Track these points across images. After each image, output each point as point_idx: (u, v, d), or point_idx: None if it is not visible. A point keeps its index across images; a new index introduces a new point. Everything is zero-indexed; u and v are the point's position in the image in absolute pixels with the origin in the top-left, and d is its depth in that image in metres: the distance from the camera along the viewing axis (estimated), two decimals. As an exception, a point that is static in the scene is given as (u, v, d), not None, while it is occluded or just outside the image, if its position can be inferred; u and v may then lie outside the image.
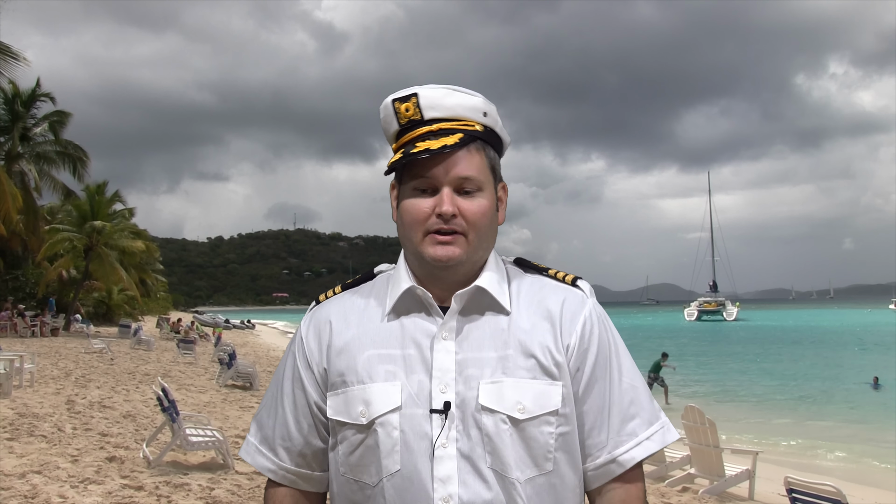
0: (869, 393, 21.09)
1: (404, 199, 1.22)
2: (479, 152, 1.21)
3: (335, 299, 1.33)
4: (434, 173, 1.17)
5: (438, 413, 1.16)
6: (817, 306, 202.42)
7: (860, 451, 12.84)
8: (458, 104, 1.20)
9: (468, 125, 1.20)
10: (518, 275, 1.29)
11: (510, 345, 1.20)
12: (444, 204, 1.17)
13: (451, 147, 1.15)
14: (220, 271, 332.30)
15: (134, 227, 38.98)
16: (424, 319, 1.22)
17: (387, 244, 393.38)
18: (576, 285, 1.28)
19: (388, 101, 1.22)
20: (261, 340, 39.96)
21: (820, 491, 5.57)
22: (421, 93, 1.19)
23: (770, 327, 71.25)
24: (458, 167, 1.18)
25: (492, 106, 1.23)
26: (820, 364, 31.26)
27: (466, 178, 1.18)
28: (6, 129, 28.01)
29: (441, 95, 1.19)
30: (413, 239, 1.20)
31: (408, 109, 1.20)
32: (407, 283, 1.23)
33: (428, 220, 1.18)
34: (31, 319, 25.70)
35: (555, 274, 1.29)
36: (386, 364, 1.20)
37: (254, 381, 14.57)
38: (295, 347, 1.31)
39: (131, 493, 5.78)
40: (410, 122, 1.20)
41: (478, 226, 1.19)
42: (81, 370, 14.85)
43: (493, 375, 1.17)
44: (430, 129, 1.18)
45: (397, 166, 1.20)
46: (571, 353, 1.21)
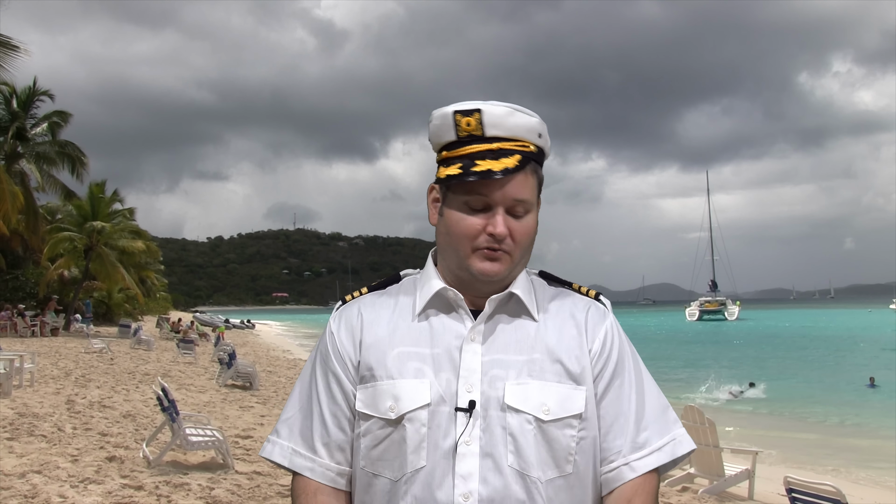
0: (866, 393, 21.11)
1: (453, 210, 1.24)
2: (532, 174, 1.24)
3: (362, 299, 1.35)
4: (491, 194, 1.20)
5: (463, 411, 1.19)
6: (818, 306, 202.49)
7: (859, 451, 12.84)
8: (518, 125, 1.22)
9: (524, 146, 1.22)
10: (543, 286, 1.35)
11: (537, 349, 1.24)
12: (498, 226, 1.20)
13: (513, 170, 1.18)
14: (219, 271, 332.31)
15: (134, 227, 38.98)
16: (454, 321, 1.26)
17: (386, 244, 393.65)
18: (598, 299, 1.34)
19: (448, 111, 1.23)
20: (261, 340, 39.98)
21: (820, 491, 5.58)
22: (485, 109, 1.20)
23: (773, 327, 71.25)
24: (514, 190, 1.21)
25: (545, 126, 1.27)
26: (820, 364, 31.27)
27: (521, 200, 1.22)
28: (5, 129, 28.00)
29: (503, 114, 1.21)
30: (460, 252, 1.24)
31: (469, 124, 1.21)
32: (438, 284, 1.27)
33: (478, 237, 1.22)
34: (31, 319, 25.71)
35: (578, 288, 1.36)
36: (415, 362, 1.23)
37: (254, 381, 14.57)
38: (326, 345, 1.33)
39: (131, 493, 5.78)
40: (470, 137, 1.22)
41: (523, 244, 1.24)
42: (81, 370, 14.85)
43: (518, 377, 1.21)
44: (490, 147, 1.20)
45: (457, 182, 1.22)
46: (594, 358, 1.27)
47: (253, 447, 8.12)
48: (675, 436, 1.30)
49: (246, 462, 7.34)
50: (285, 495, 6.10)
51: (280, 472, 6.96)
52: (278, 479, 6.67)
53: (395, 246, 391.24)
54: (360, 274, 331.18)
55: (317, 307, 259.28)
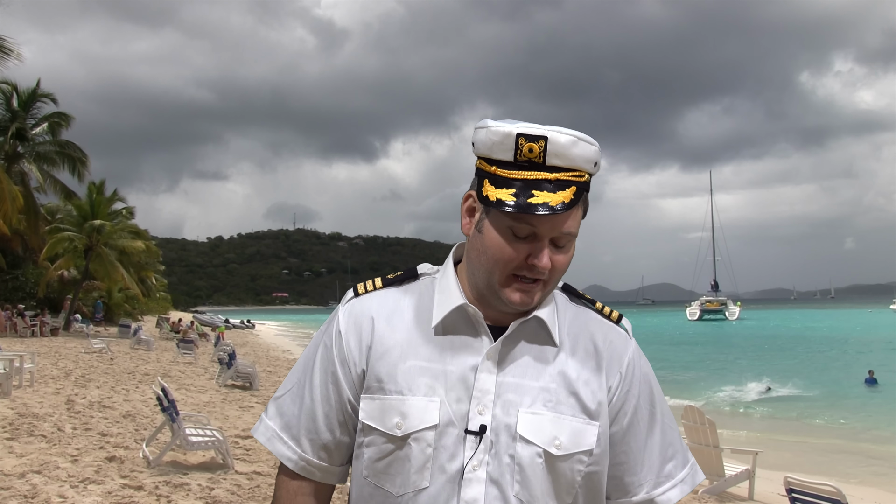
0: (866, 392, 21.12)
1: (494, 230, 1.18)
2: (581, 205, 1.20)
3: (376, 295, 1.29)
4: (541, 226, 1.15)
5: (473, 435, 1.16)
6: (818, 306, 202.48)
7: (859, 450, 12.84)
8: (580, 156, 1.15)
9: (581, 176, 1.16)
10: (565, 304, 1.29)
11: (554, 378, 1.20)
12: (542, 259, 1.16)
13: (569, 204, 1.13)
14: (219, 271, 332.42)
15: (134, 227, 38.98)
16: (472, 338, 1.21)
17: (386, 244, 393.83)
18: (620, 324, 1.29)
19: (511, 131, 1.14)
20: (261, 340, 39.99)
21: (820, 491, 5.58)
22: (551, 137, 1.14)
23: (775, 328, 71.25)
24: (564, 224, 1.17)
25: (600, 153, 1.21)
26: (819, 364, 31.28)
27: (568, 234, 1.18)
28: (5, 129, 28.00)
29: (568, 144, 1.14)
30: (494, 276, 1.19)
31: (532, 150, 1.14)
32: (458, 299, 1.22)
33: (518, 265, 1.17)
34: (30, 319, 25.72)
35: (601, 308, 1.30)
36: (427, 377, 1.19)
37: (254, 381, 14.57)
38: (332, 340, 1.27)
39: (131, 493, 5.78)
40: (530, 163, 1.15)
41: (560, 274, 1.21)
42: (81, 370, 14.85)
43: (532, 405, 1.18)
44: (549, 177, 1.14)
45: (510, 212, 1.14)
46: (613, 393, 1.23)
47: (253, 447, 8.12)
48: (692, 464, 1.30)
49: (246, 462, 7.34)
50: (285, 495, 6.10)
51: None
52: (278, 479, 6.67)
53: (395, 246, 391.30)
54: (360, 274, 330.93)
55: (317, 307, 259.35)
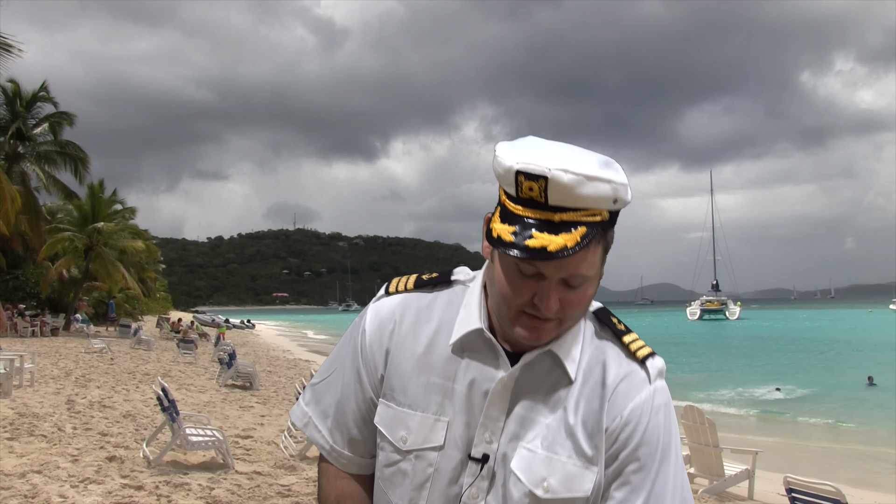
0: (866, 392, 21.12)
1: (502, 265, 1.11)
2: (598, 244, 1.09)
3: (405, 298, 1.25)
4: (544, 268, 1.06)
5: (475, 461, 1.14)
6: (819, 306, 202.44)
7: (859, 451, 12.85)
8: (590, 196, 1.03)
9: (594, 216, 1.05)
10: (591, 334, 1.20)
11: (557, 415, 1.14)
12: (546, 301, 1.07)
13: (572, 249, 1.02)
14: (219, 271, 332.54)
15: (134, 228, 39.01)
16: (487, 362, 1.17)
17: (386, 244, 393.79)
18: (644, 364, 1.16)
19: (511, 166, 1.05)
20: (261, 340, 40.01)
21: (819, 491, 5.58)
22: (551, 178, 1.01)
23: (776, 328, 71.27)
24: (572, 266, 1.06)
25: (623, 187, 1.06)
26: (819, 364, 31.29)
27: (578, 276, 1.08)
28: (5, 129, 28.01)
29: (573, 185, 1.02)
30: (503, 310, 1.12)
31: (531, 189, 1.04)
32: (476, 323, 1.17)
33: (525, 302, 1.09)
34: (31, 319, 25.73)
35: (628, 343, 1.18)
36: (438, 395, 1.17)
37: (254, 381, 14.58)
38: (359, 338, 1.26)
39: (131, 493, 5.78)
40: (531, 202, 1.05)
41: (576, 312, 1.12)
42: (81, 370, 14.86)
43: (532, 441, 1.14)
44: (552, 218, 1.04)
45: (504, 252, 1.06)
46: (610, 437, 1.13)
47: (253, 447, 8.13)
48: None
49: (246, 462, 7.34)
50: (285, 495, 6.11)
51: (280, 472, 6.97)
52: (278, 479, 6.68)
53: (395, 246, 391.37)
54: (360, 274, 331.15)
55: (317, 307, 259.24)
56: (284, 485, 6.43)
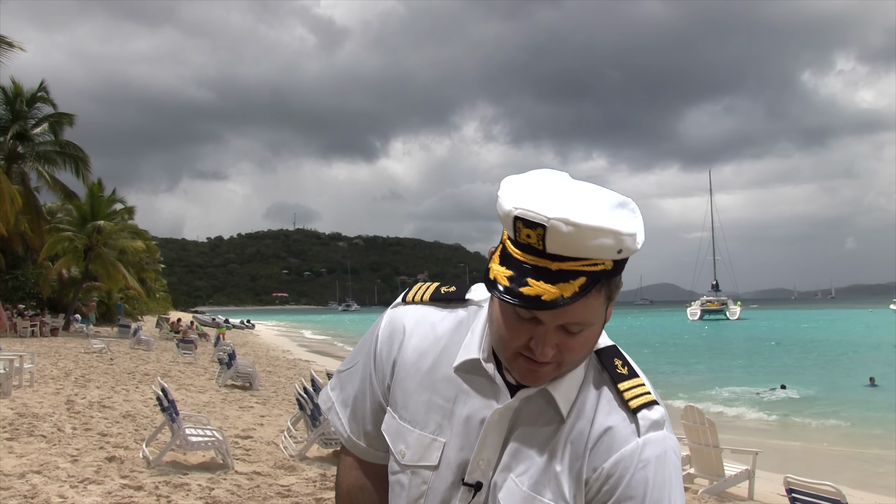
0: (867, 393, 21.12)
1: (501, 306, 1.08)
2: (600, 292, 1.03)
3: (419, 311, 1.25)
4: (539, 315, 1.03)
5: (468, 487, 1.14)
6: (819, 306, 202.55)
7: (859, 452, 12.85)
8: (591, 246, 0.98)
9: (595, 266, 1.00)
10: (590, 376, 1.15)
11: (546, 455, 1.12)
12: (541, 348, 1.04)
13: (568, 300, 0.98)
14: (219, 271, 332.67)
15: (134, 227, 39.03)
16: (486, 392, 1.16)
17: (386, 244, 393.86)
18: (635, 414, 1.10)
19: (510, 211, 1.00)
20: (261, 340, 40.02)
21: (819, 491, 5.58)
22: (550, 229, 0.96)
23: (775, 327, 71.30)
24: (568, 314, 1.02)
25: (630, 237, 1.00)
26: (820, 365, 31.30)
27: (576, 323, 1.04)
28: (5, 129, 28.00)
29: (573, 235, 0.96)
30: (501, 350, 1.10)
31: (529, 236, 0.99)
32: (475, 353, 1.16)
33: (520, 345, 1.06)
34: (30, 319, 25.74)
35: (623, 390, 1.13)
36: (438, 415, 1.18)
37: (253, 381, 14.57)
38: (373, 342, 1.27)
39: (131, 493, 5.78)
40: (529, 248, 1.00)
41: (575, 359, 1.08)
42: (81, 370, 14.86)
43: (521, 475, 1.12)
44: (549, 266, 0.99)
45: (498, 298, 1.03)
46: (590, 490, 1.10)
47: (253, 447, 8.13)
48: None
49: (246, 462, 7.34)
50: (285, 496, 6.11)
51: (280, 472, 6.97)
52: (278, 479, 6.67)
53: (395, 246, 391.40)
54: (360, 274, 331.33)
55: (317, 307, 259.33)
56: (284, 485, 6.42)
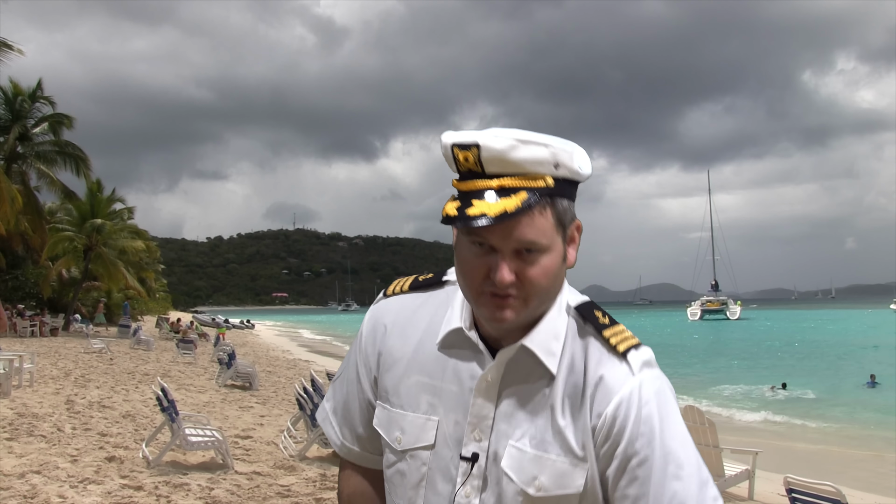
0: (867, 392, 21.13)
1: (460, 246, 1.11)
2: (546, 211, 1.07)
3: (399, 301, 1.28)
4: (490, 238, 1.05)
5: (466, 461, 1.14)
6: (819, 306, 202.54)
7: (859, 451, 12.84)
8: (525, 159, 1.04)
9: (535, 182, 1.05)
10: (573, 330, 1.16)
11: (545, 414, 1.12)
12: (499, 272, 1.05)
13: (512, 214, 1.02)
14: (219, 271, 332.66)
15: (133, 227, 39.00)
16: (471, 359, 1.16)
17: (386, 244, 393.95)
18: (625, 357, 1.12)
19: (447, 142, 1.08)
20: (260, 340, 40.01)
21: (820, 491, 5.58)
22: (483, 144, 1.04)
23: (776, 327, 71.30)
24: (518, 232, 1.05)
25: (566, 153, 1.07)
26: (820, 365, 31.30)
27: (527, 242, 1.06)
28: (6, 129, 27.99)
29: (505, 150, 1.03)
30: (466, 293, 1.12)
31: (467, 159, 1.05)
32: (457, 322, 1.17)
33: (483, 280, 1.08)
34: (30, 319, 25.73)
35: (609, 337, 1.14)
36: (428, 395, 1.18)
37: (253, 381, 14.57)
38: (358, 339, 1.31)
39: (131, 493, 5.78)
40: (470, 173, 1.07)
41: (537, 288, 1.08)
42: (81, 370, 14.85)
43: (521, 439, 1.12)
44: (490, 185, 1.05)
45: (452, 227, 1.09)
46: (599, 435, 1.10)
47: (253, 447, 8.12)
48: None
49: (245, 462, 7.34)
50: (285, 495, 6.11)
51: (280, 472, 6.97)
52: (278, 479, 6.67)
53: (395, 246, 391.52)
54: (360, 274, 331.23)
55: (317, 307, 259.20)
56: (284, 485, 6.42)
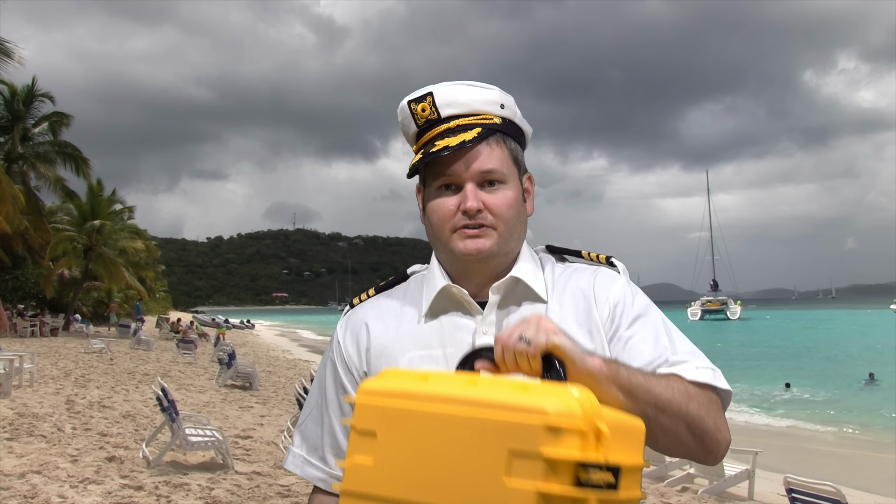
0: (866, 390, 21.13)
1: (430, 199, 1.21)
2: (500, 144, 1.19)
3: (369, 303, 1.32)
4: (455, 170, 1.16)
5: None
6: (820, 306, 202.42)
7: (859, 451, 12.84)
8: (474, 99, 1.19)
9: (486, 119, 1.18)
10: (550, 262, 1.28)
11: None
12: (468, 200, 1.15)
13: (471, 142, 1.14)
14: (219, 271, 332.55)
15: (133, 227, 39.00)
16: (462, 317, 1.21)
17: (386, 244, 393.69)
18: (610, 263, 1.25)
19: (403, 103, 1.22)
20: (260, 340, 40.00)
21: (819, 491, 5.58)
22: (436, 91, 1.19)
23: (777, 326, 71.28)
24: (478, 161, 1.16)
25: (509, 97, 1.22)
26: (820, 364, 31.29)
27: (488, 171, 1.17)
28: (6, 129, 27.98)
29: (456, 92, 1.19)
30: (442, 237, 1.19)
31: (424, 109, 1.19)
32: (442, 281, 1.22)
33: (454, 217, 1.17)
34: (30, 319, 25.73)
35: (587, 254, 1.28)
36: (429, 365, 1.19)
37: (253, 381, 14.57)
38: (333, 353, 1.29)
39: (131, 493, 5.78)
40: (428, 122, 1.20)
41: (505, 217, 1.18)
42: (81, 370, 14.86)
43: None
44: (448, 126, 1.18)
45: (418, 167, 1.20)
46: (606, 323, 1.18)
47: (253, 447, 8.13)
48: (714, 368, 1.14)
49: (245, 462, 7.34)
50: (285, 495, 6.10)
51: (280, 472, 6.96)
52: (278, 479, 6.67)
53: (395, 246, 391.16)
54: (360, 274, 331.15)
55: (317, 307, 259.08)
56: (284, 485, 6.42)
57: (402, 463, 0.89)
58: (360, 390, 0.95)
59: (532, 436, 0.79)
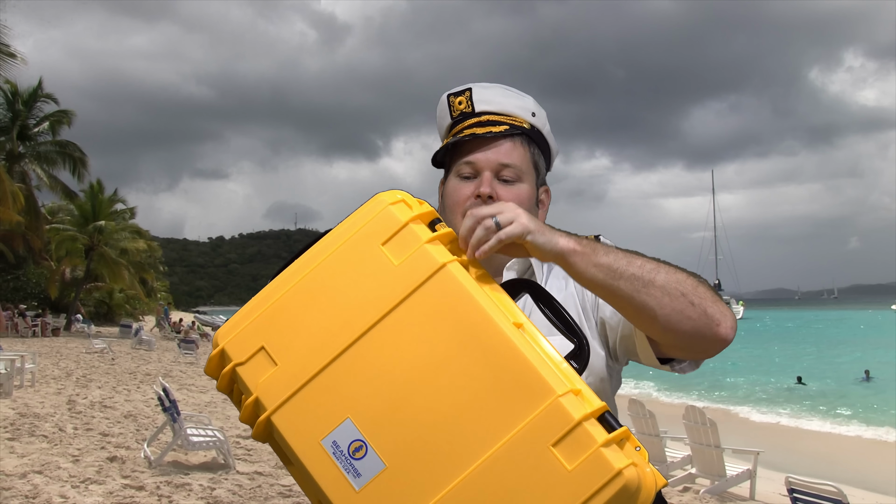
0: (865, 390, 21.11)
1: (448, 185, 1.26)
2: (524, 146, 1.24)
3: None
4: (476, 157, 1.21)
5: None
6: (823, 306, 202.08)
7: (859, 451, 12.83)
8: (509, 102, 1.25)
9: (516, 121, 1.24)
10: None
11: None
12: (483, 185, 1.20)
13: (497, 134, 1.21)
14: (221, 271, 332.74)
15: (135, 227, 39.03)
16: None
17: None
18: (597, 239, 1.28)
19: (443, 96, 1.28)
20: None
21: (821, 491, 5.57)
22: (474, 88, 1.25)
23: (777, 326, 71.22)
24: (499, 153, 1.21)
25: (542, 110, 1.28)
26: (821, 364, 31.27)
27: (507, 164, 1.21)
28: (6, 129, 28.01)
29: (493, 93, 1.25)
30: (454, 221, 1.22)
31: (461, 103, 1.25)
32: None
33: (467, 202, 1.21)
34: (31, 319, 25.75)
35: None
36: None
37: (255, 381, 14.57)
38: None
39: (132, 493, 5.78)
40: (462, 115, 1.26)
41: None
42: (82, 370, 14.87)
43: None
44: (479, 119, 1.24)
45: (442, 150, 1.27)
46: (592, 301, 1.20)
47: (254, 447, 8.13)
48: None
49: (247, 462, 7.34)
50: (286, 495, 6.11)
51: (281, 472, 6.96)
52: (279, 479, 6.67)
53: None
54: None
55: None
56: (286, 485, 6.42)
57: (300, 345, 0.92)
58: (217, 336, 1.00)
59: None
